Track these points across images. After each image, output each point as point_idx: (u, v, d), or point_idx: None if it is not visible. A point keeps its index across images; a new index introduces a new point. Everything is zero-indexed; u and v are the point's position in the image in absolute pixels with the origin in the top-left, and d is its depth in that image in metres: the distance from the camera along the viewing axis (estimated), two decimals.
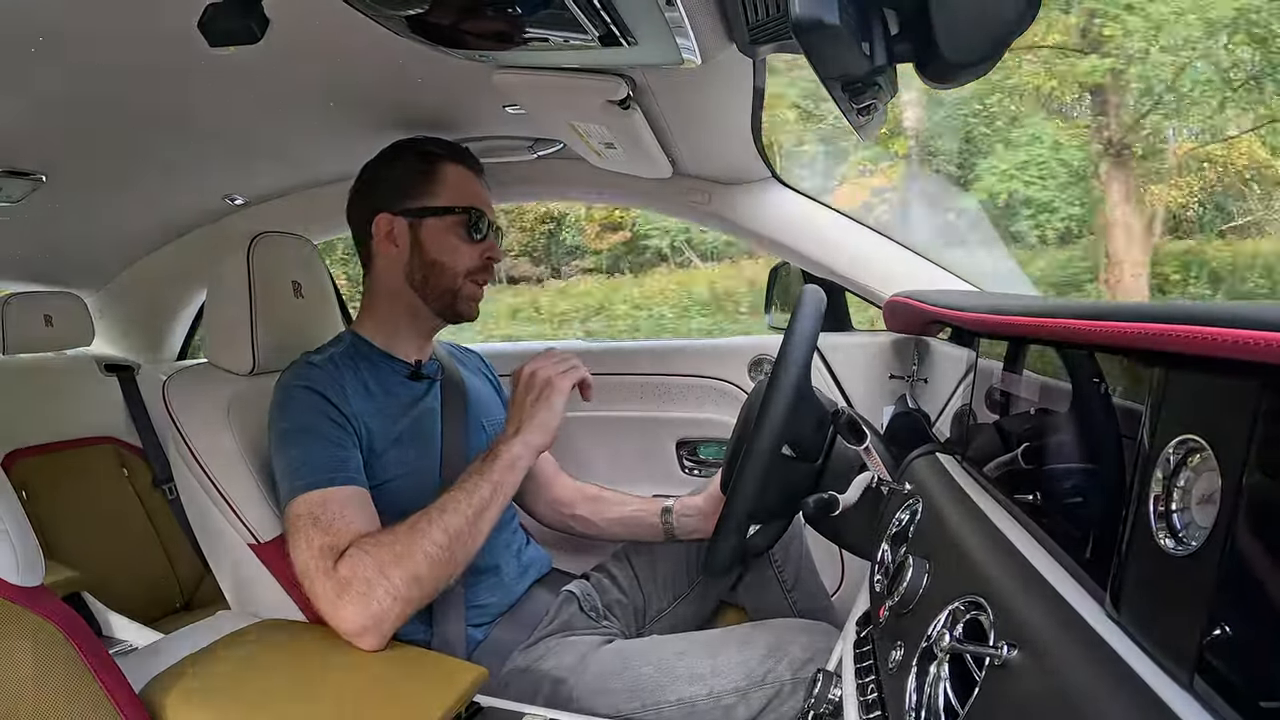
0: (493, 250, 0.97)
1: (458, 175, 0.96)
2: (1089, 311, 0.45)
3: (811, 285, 0.86)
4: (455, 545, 0.77)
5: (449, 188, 0.94)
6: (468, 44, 0.76)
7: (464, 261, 0.95)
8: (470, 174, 0.98)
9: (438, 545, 0.76)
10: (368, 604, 0.73)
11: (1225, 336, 0.31)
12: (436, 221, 0.94)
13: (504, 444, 0.83)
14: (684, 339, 1.55)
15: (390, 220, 0.94)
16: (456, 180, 0.95)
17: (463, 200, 0.95)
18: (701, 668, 0.82)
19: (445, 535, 0.77)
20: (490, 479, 0.81)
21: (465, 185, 0.96)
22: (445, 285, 0.95)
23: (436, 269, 0.94)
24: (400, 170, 0.96)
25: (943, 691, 0.45)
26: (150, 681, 0.70)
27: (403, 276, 0.95)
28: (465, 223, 0.94)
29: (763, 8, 0.65)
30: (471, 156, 0.99)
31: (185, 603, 1.64)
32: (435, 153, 0.96)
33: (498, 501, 0.81)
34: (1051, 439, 0.54)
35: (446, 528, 0.77)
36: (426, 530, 0.77)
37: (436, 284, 0.95)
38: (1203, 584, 0.32)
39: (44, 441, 1.54)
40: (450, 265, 0.94)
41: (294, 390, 0.86)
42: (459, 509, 0.79)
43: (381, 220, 0.94)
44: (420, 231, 0.94)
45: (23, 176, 1.12)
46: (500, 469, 0.82)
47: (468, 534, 0.79)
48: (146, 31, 0.74)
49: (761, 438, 0.77)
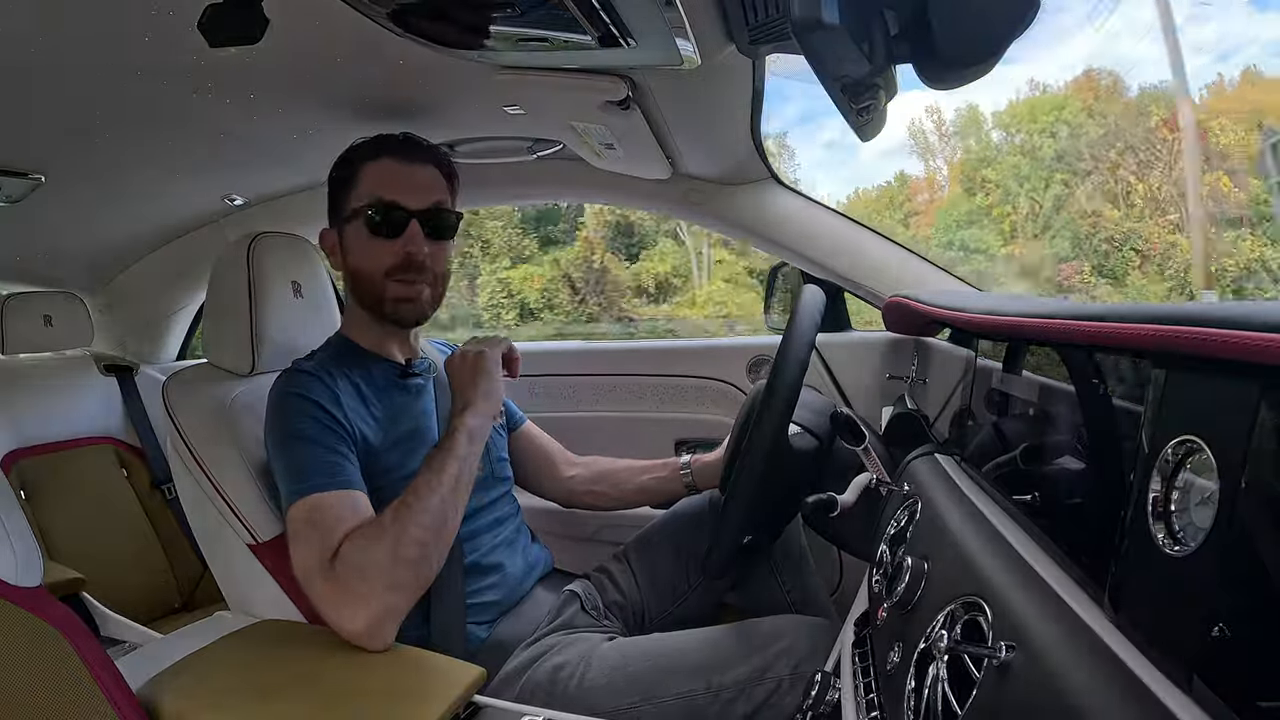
0: (412, 244, 0.90)
1: (376, 169, 0.91)
2: (1088, 312, 0.45)
3: (811, 286, 0.86)
4: (438, 524, 0.80)
5: (364, 186, 0.91)
6: (468, 44, 0.76)
7: (378, 262, 0.90)
8: (394, 162, 0.91)
9: (423, 526, 0.78)
10: (367, 600, 0.74)
11: (1224, 338, 0.31)
12: (349, 227, 0.92)
13: (458, 420, 0.87)
14: (683, 339, 1.55)
15: (329, 234, 0.96)
16: (373, 176, 0.91)
17: (370, 197, 0.90)
18: (701, 663, 0.82)
19: (428, 515, 0.79)
20: (456, 454, 0.84)
21: (383, 179, 0.90)
22: (368, 291, 0.93)
23: (358, 276, 0.93)
24: (333, 180, 0.95)
25: (941, 692, 0.45)
26: (149, 681, 0.70)
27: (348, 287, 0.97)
28: (370, 220, 0.89)
29: (763, 8, 0.65)
30: (406, 142, 0.93)
31: (184, 603, 1.64)
32: (361, 153, 0.93)
33: (466, 475, 0.84)
34: (1050, 440, 0.54)
35: (428, 508, 0.79)
36: (409, 515, 0.78)
37: (363, 291, 0.93)
38: (1201, 585, 0.32)
39: (43, 441, 1.54)
40: (365, 269, 0.91)
41: (285, 398, 0.87)
42: (434, 488, 0.81)
43: (325, 235, 0.97)
44: (344, 240, 0.94)
45: (23, 176, 1.12)
46: (463, 443, 0.85)
47: (447, 510, 0.81)
48: (146, 31, 0.74)
49: (760, 438, 0.77)
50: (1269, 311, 0.30)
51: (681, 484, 1.11)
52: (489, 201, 1.57)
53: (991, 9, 0.52)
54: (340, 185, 0.94)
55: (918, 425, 0.94)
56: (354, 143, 0.95)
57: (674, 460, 1.14)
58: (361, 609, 0.74)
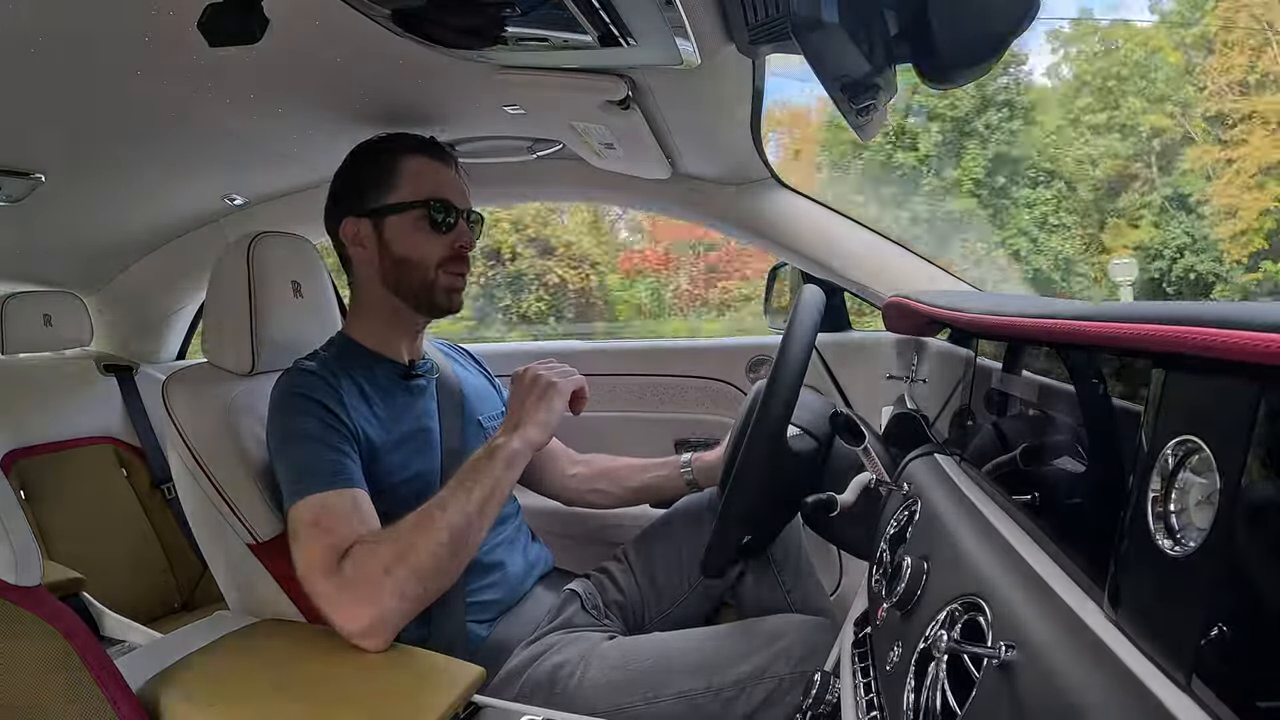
0: (463, 238, 0.95)
1: (418, 166, 0.94)
2: (1087, 313, 0.45)
3: (811, 285, 0.86)
4: (457, 542, 0.78)
5: (408, 181, 0.93)
6: (468, 44, 0.76)
7: (433, 254, 0.93)
8: (434, 163, 0.95)
9: (439, 543, 0.77)
10: (372, 604, 0.74)
11: (1224, 338, 0.31)
12: (398, 218, 0.93)
13: (503, 440, 0.85)
14: (683, 339, 1.55)
15: (355, 223, 0.94)
16: (416, 172, 0.93)
17: (423, 191, 0.93)
18: (702, 662, 0.83)
19: (447, 533, 0.77)
20: (491, 474, 0.82)
21: (427, 175, 0.94)
22: (418, 280, 0.94)
23: (406, 266, 0.93)
24: (359, 171, 0.95)
25: (940, 692, 0.45)
26: (148, 681, 0.70)
27: (378, 278, 0.95)
28: (427, 214, 0.93)
29: (763, 8, 0.65)
30: (436, 145, 0.97)
31: (184, 603, 1.64)
32: (392, 148, 0.95)
33: (496, 498, 0.82)
34: (1050, 440, 0.54)
35: (449, 525, 0.78)
36: (429, 528, 0.77)
37: (409, 281, 0.94)
38: (1201, 585, 0.32)
39: (43, 441, 1.54)
40: (419, 260, 0.93)
41: (288, 398, 0.86)
42: (460, 506, 0.79)
43: (347, 225, 0.95)
44: (384, 231, 0.93)
45: (23, 176, 1.12)
46: (499, 466, 0.83)
47: (469, 531, 0.79)
48: (146, 31, 0.74)
49: (760, 438, 0.77)
50: (1269, 311, 0.30)
51: (683, 482, 1.12)
52: (489, 201, 1.57)
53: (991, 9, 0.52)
54: (372, 175, 0.94)
55: (917, 425, 0.94)
56: (377, 136, 0.96)
57: (675, 459, 1.14)
58: (365, 611, 0.74)
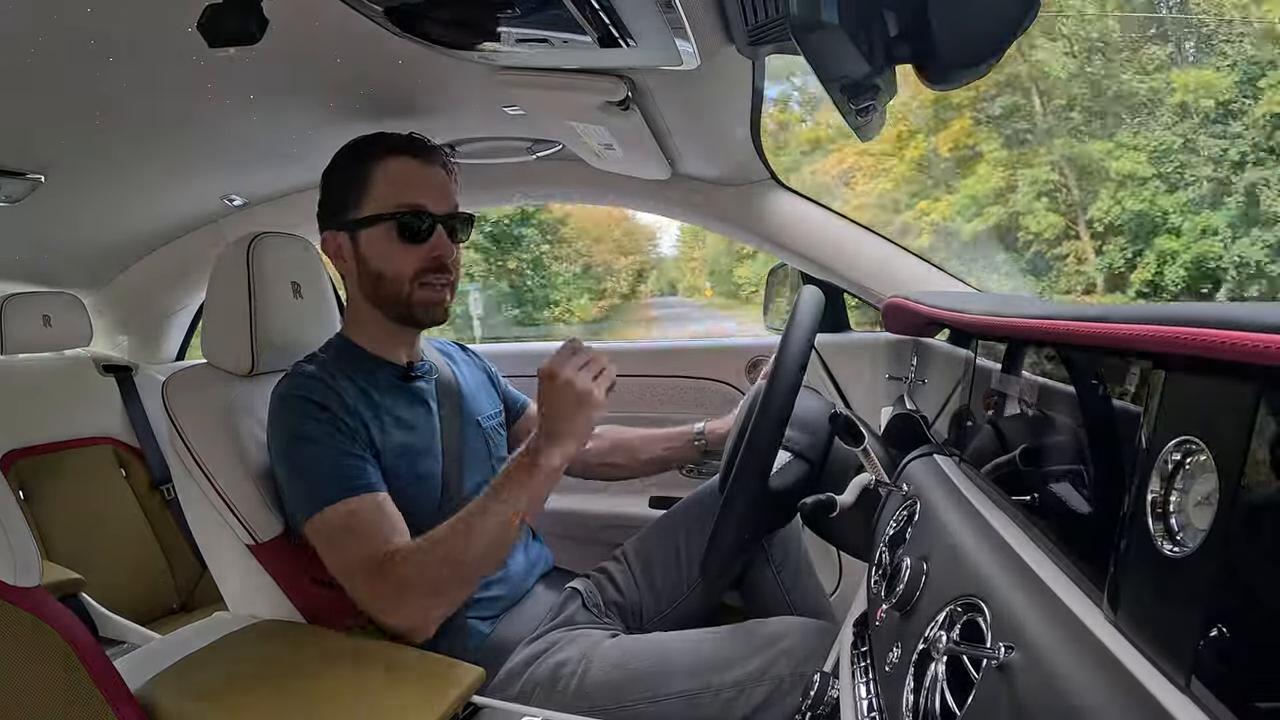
0: (439, 248, 0.90)
1: (393, 172, 0.89)
2: (1087, 314, 0.45)
3: (810, 286, 0.86)
4: (495, 551, 0.81)
5: (380, 189, 0.89)
6: (467, 44, 0.76)
7: (406, 267, 0.89)
8: (411, 162, 0.90)
9: (477, 555, 0.80)
10: (424, 607, 0.79)
11: (1223, 339, 0.31)
12: (369, 232, 0.89)
13: (543, 454, 0.81)
14: (683, 340, 1.55)
15: (335, 238, 0.92)
16: (391, 178, 0.89)
17: (395, 200, 0.88)
18: (702, 662, 0.83)
19: (484, 543, 0.80)
20: (530, 488, 0.81)
21: (399, 180, 0.89)
22: (394, 294, 0.91)
23: (382, 281, 0.90)
24: (336, 181, 0.92)
25: (940, 693, 0.45)
26: (147, 682, 0.70)
27: (359, 290, 0.94)
28: (398, 226, 0.88)
29: (762, 8, 0.65)
30: (414, 142, 0.91)
31: (183, 603, 1.64)
32: (366, 154, 0.90)
33: (534, 510, 0.83)
34: (1049, 440, 0.54)
35: (488, 535, 0.80)
36: (469, 539, 0.79)
37: (386, 295, 0.91)
38: (1200, 585, 0.32)
39: (42, 442, 1.54)
40: (393, 275, 0.90)
41: (292, 401, 0.86)
42: (499, 517, 0.80)
43: (327, 240, 0.93)
44: (360, 244, 0.90)
45: (23, 176, 1.12)
46: (540, 480, 0.81)
47: (505, 541, 0.81)
48: (146, 32, 0.74)
49: (759, 438, 0.77)
50: (1269, 312, 0.30)
51: (695, 451, 1.13)
52: (489, 202, 1.57)
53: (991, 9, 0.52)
54: (346, 186, 0.90)
55: (917, 426, 0.94)
56: (353, 141, 0.92)
57: (687, 428, 1.15)
58: (418, 612, 0.79)
